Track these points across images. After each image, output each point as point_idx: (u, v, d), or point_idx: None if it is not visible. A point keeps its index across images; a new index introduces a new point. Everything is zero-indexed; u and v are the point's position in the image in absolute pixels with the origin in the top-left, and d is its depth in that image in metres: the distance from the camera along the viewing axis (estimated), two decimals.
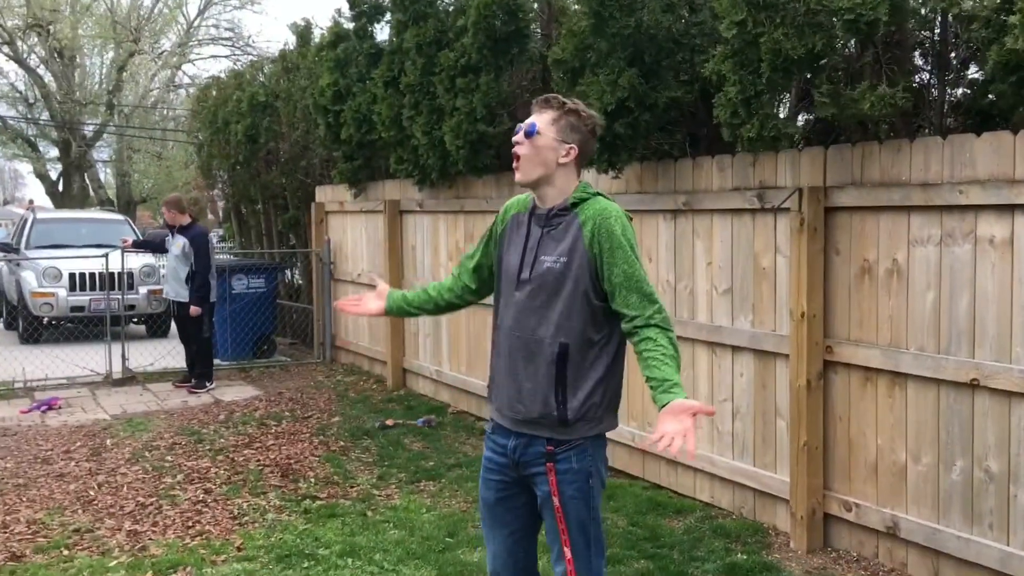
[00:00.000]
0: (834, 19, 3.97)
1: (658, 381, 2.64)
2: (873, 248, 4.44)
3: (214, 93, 13.92)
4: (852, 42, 4.40)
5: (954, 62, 4.75)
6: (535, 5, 6.83)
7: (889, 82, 4.17)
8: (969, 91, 4.65)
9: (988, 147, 3.91)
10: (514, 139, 2.86)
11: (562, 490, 2.81)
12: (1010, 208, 3.82)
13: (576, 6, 5.78)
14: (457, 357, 8.05)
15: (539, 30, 7.09)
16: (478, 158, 7.05)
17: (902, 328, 4.32)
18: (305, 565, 4.60)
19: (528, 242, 2.88)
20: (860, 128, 4.90)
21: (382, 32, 9.22)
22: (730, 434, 5.27)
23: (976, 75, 4.76)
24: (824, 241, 4.63)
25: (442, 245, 8.21)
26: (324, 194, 10.84)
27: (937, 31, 4.64)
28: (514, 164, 2.86)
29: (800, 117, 5.05)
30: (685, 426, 2.53)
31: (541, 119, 2.84)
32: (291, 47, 11.84)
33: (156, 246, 9.62)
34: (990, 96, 4.64)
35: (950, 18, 4.48)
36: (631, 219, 2.87)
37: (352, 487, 5.93)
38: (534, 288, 2.83)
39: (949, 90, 4.81)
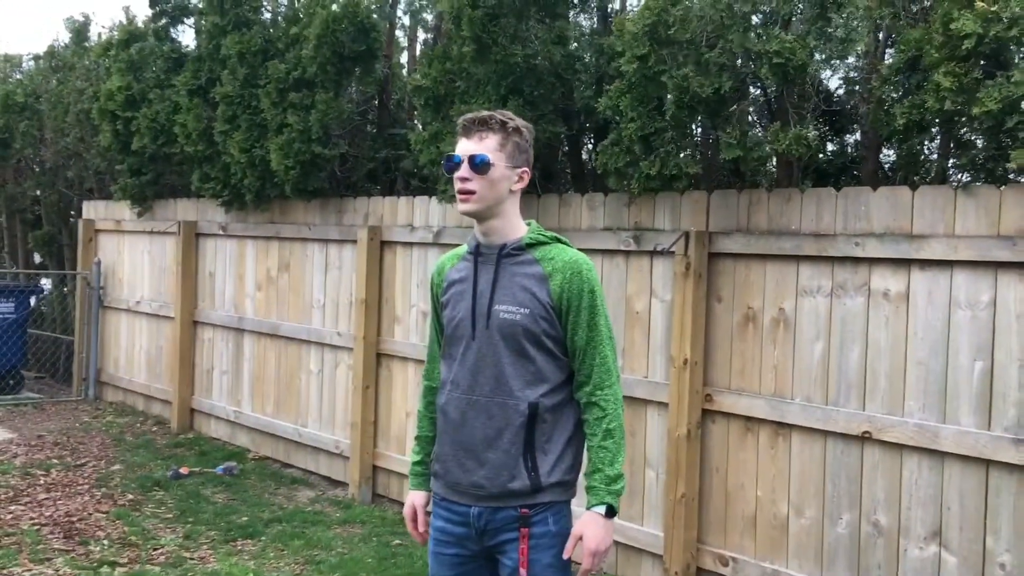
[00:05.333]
0: (750, 62, 3.91)
1: (590, 469, 2.45)
2: (759, 296, 4.40)
3: None
4: (760, 87, 4.39)
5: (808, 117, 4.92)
6: (386, 25, 6.41)
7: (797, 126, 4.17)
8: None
9: (885, 201, 3.98)
10: (459, 175, 2.45)
11: (535, 559, 2.41)
12: (907, 263, 3.89)
13: (446, 26, 5.43)
14: (261, 397, 7.29)
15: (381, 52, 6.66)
16: (309, 180, 6.45)
17: (787, 378, 4.29)
18: None
19: (478, 288, 2.50)
20: (735, 176, 4.92)
21: (184, 35, 8.38)
22: None
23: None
24: (706, 287, 4.54)
25: (249, 273, 7.45)
26: (95, 210, 9.62)
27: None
28: (461, 197, 2.47)
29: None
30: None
31: (486, 147, 2.45)
32: (61, 43, 10.54)
33: None
34: (822, 155, 4.91)
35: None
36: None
37: (156, 549, 5.08)
38: (491, 342, 2.45)
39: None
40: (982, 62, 3.54)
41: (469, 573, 2.52)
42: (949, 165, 4.37)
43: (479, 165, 2.44)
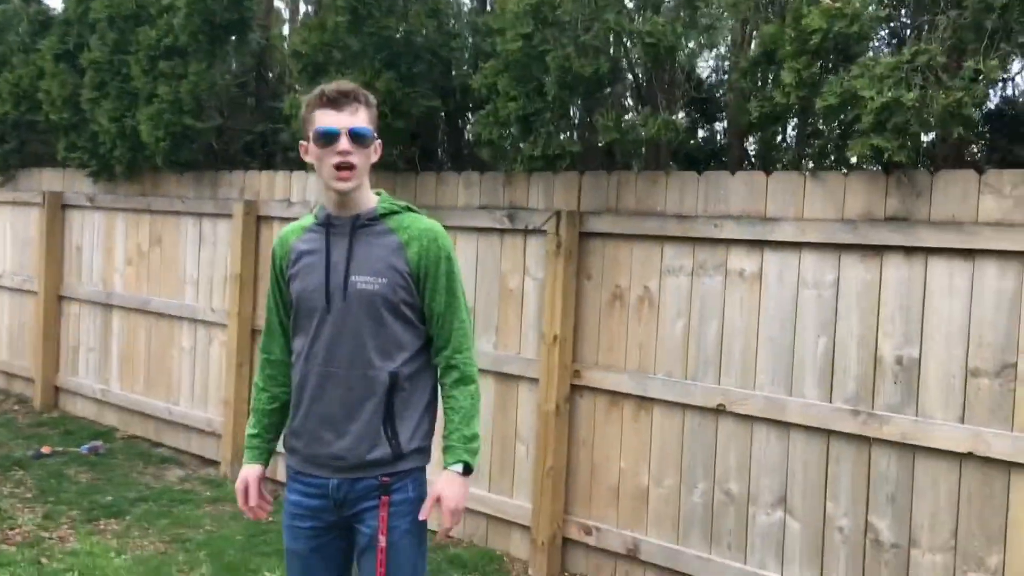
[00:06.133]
0: (623, 44, 4.02)
1: (448, 430, 2.51)
2: (626, 275, 4.55)
3: None
4: (632, 72, 4.51)
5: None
6: None
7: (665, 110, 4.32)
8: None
9: (742, 185, 4.17)
10: (340, 148, 2.41)
11: (393, 525, 2.45)
12: (760, 244, 4.09)
13: None
14: (131, 375, 7.08)
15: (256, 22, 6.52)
16: (181, 152, 6.28)
17: (651, 354, 4.45)
18: None
19: (331, 259, 2.48)
20: (608, 158, 5.05)
21: None
22: None
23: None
24: (576, 265, 4.66)
25: (118, 247, 7.21)
26: None
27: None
28: (342, 175, 2.43)
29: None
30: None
31: (360, 120, 2.44)
32: None
33: None
34: (692, 141, 5.11)
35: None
36: None
37: (12, 529, 4.91)
38: (348, 313, 2.45)
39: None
40: (831, 56, 3.75)
41: (325, 545, 2.53)
42: (803, 153, 4.60)
43: (362, 138, 2.42)
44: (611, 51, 4.17)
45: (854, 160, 3.77)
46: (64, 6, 7.46)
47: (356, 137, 2.41)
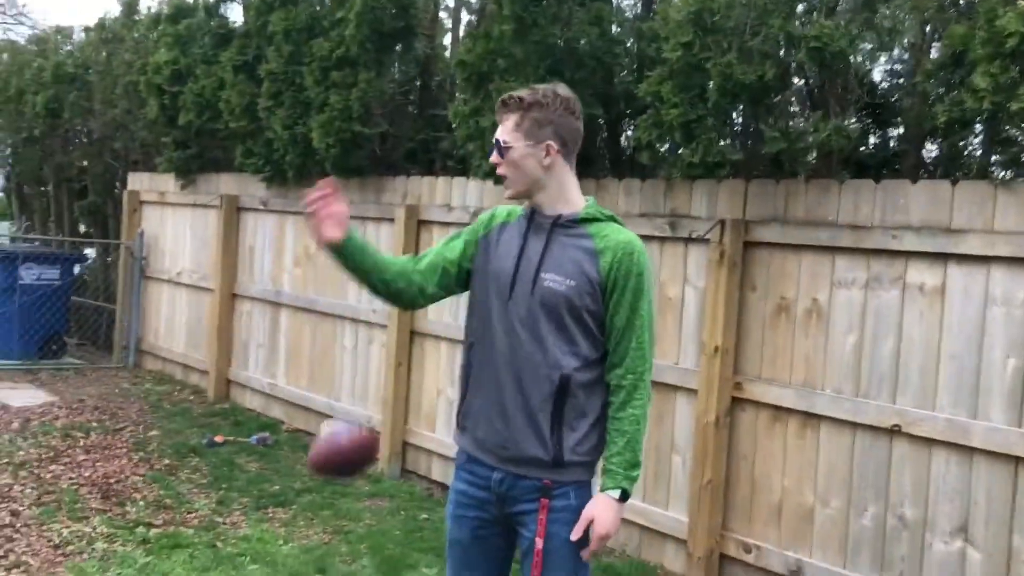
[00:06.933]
0: (792, 49, 3.90)
1: (610, 452, 2.46)
2: (792, 286, 4.40)
3: (4, 58, 12.35)
4: (803, 77, 4.37)
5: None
6: (430, 5, 6.46)
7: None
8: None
9: (924, 195, 3.96)
10: (491, 160, 2.54)
11: (553, 532, 2.44)
12: (943, 257, 3.88)
13: (489, 6, 5.47)
14: (296, 371, 7.40)
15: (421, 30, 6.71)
16: (349, 159, 6.53)
17: (818, 369, 4.29)
18: None
19: (526, 252, 2.49)
20: (774, 165, 4.91)
21: (232, 12, 8.49)
22: None
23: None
24: (740, 275, 4.55)
25: (288, 249, 7.56)
26: (140, 182, 9.79)
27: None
28: (504, 183, 2.54)
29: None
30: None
31: (505, 129, 2.49)
32: (112, 16, 10.70)
33: None
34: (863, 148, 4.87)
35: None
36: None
37: (190, 513, 5.21)
38: (532, 308, 2.45)
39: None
40: None
41: (487, 537, 2.54)
42: (992, 161, 4.33)
43: (499, 149, 2.49)
44: (780, 56, 4.04)
45: None
46: (244, 20, 7.90)
47: (497, 149, 2.49)
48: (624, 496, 2.43)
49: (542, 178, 2.49)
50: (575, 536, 2.42)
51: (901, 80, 5.12)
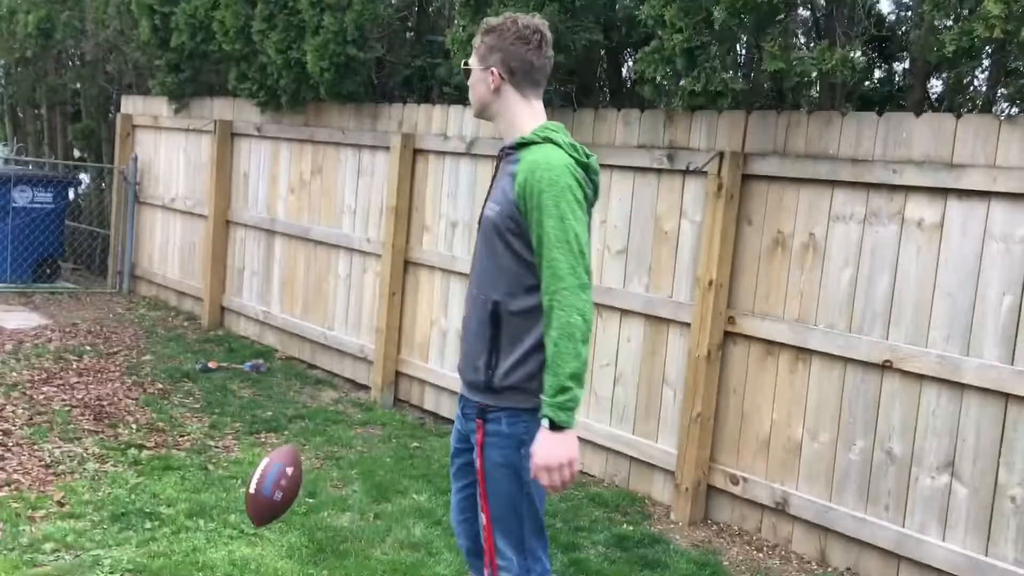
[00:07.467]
0: None
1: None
2: (790, 220, 4.35)
3: None
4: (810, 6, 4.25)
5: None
6: None
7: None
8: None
9: (927, 129, 3.89)
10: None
11: (487, 454, 2.49)
12: (943, 192, 3.82)
13: None
14: (290, 299, 7.38)
15: None
16: (344, 84, 6.41)
17: (812, 304, 4.26)
18: (148, 527, 3.94)
19: (490, 184, 2.61)
20: (776, 98, 4.82)
21: None
22: (609, 400, 5.08)
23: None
24: (737, 209, 4.49)
25: (282, 175, 7.47)
26: (133, 105, 9.64)
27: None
28: None
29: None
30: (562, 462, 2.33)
31: (474, 52, 2.58)
32: None
33: None
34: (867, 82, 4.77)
35: None
36: (576, 173, 2.41)
37: (182, 436, 5.23)
38: (478, 239, 2.56)
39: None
40: None
41: (461, 452, 2.66)
42: (996, 96, 4.25)
43: (466, 73, 2.60)
44: None
45: None
46: None
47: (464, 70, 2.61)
48: (554, 425, 2.29)
49: (492, 104, 2.55)
50: (531, 476, 2.38)
51: (908, 13, 5.00)
